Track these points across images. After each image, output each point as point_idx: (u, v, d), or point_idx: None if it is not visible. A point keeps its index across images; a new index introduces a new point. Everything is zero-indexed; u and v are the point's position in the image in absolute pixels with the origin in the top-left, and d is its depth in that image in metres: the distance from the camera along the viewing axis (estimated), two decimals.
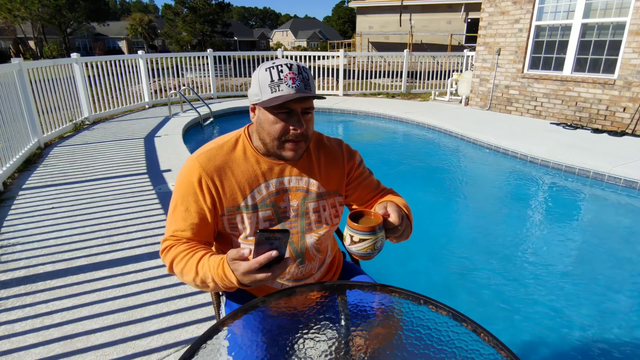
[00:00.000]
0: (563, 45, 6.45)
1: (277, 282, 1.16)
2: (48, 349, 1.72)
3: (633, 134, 5.59)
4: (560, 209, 3.78)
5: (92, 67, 6.74)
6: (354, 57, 16.43)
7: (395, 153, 5.89)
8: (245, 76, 9.78)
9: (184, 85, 8.01)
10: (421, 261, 2.83)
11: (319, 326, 0.93)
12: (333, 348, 0.89)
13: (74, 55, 6.17)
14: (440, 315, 0.91)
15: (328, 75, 10.03)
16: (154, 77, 8.27)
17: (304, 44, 66.51)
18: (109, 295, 2.08)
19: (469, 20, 18.24)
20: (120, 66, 7.24)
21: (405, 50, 10.00)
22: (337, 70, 9.53)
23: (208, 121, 6.90)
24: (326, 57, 13.78)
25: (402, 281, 2.19)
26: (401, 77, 10.10)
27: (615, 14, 5.78)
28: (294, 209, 1.11)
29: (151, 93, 8.08)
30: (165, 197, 3.37)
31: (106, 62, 7.02)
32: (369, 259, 0.95)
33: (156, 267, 2.33)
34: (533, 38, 6.85)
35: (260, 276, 0.83)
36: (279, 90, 0.97)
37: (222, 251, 1.18)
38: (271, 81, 0.98)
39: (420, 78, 10.04)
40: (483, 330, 0.84)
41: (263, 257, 0.82)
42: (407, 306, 0.96)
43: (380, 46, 21.10)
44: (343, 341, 0.92)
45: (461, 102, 8.44)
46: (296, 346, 0.89)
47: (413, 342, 0.89)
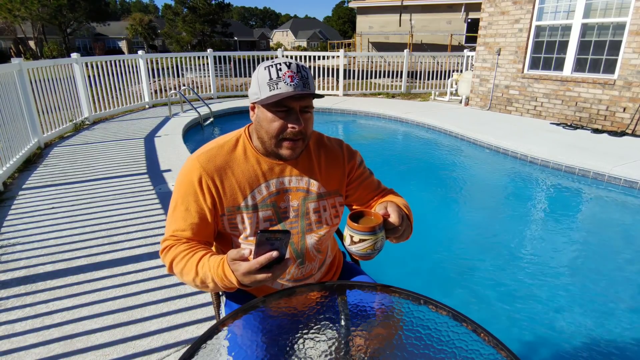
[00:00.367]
0: (563, 45, 6.45)
1: (278, 283, 1.15)
2: (48, 349, 1.72)
3: (633, 134, 5.59)
4: (560, 209, 3.78)
5: (92, 67, 6.75)
6: (354, 57, 16.43)
7: (395, 153, 5.89)
8: (245, 76, 9.78)
9: (184, 85, 8.01)
10: (421, 261, 2.83)
11: (319, 326, 0.93)
12: (333, 348, 0.89)
13: (74, 55, 6.17)
14: (440, 315, 0.91)
15: (328, 75, 10.02)
16: (154, 77, 8.27)
17: (304, 44, 66.51)
18: (109, 295, 2.09)
19: (469, 20, 18.24)
20: (120, 66, 7.24)
21: (405, 50, 10.00)
22: (337, 70, 9.53)
23: (208, 121, 6.90)
24: (326, 57, 13.76)
25: (402, 281, 2.19)
26: (401, 77, 10.10)
27: (615, 14, 5.78)
28: (294, 209, 1.11)
29: (151, 93, 8.08)
30: (165, 197, 3.37)
31: (106, 62, 7.02)
32: (369, 259, 0.95)
33: (156, 267, 2.33)
34: (533, 38, 6.85)
35: (260, 277, 0.83)
36: (277, 88, 0.97)
37: (222, 251, 1.18)
38: (270, 79, 0.98)
39: (420, 78, 10.04)
40: (483, 330, 0.84)
41: (264, 258, 0.82)
42: (407, 306, 0.96)
43: (380, 46, 21.10)
44: (343, 341, 0.92)
45: (461, 102, 8.44)
46: (296, 346, 0.89)
47: (413, 342, 0.89)
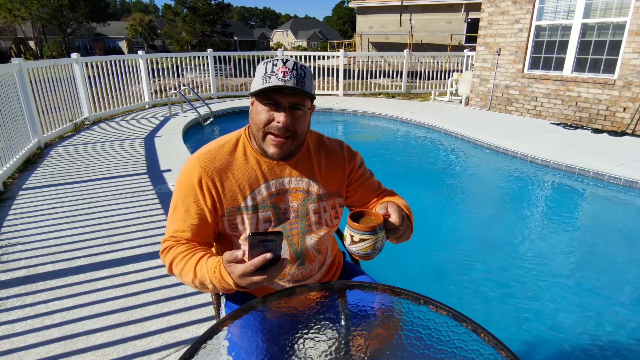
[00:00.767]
0: (563, 45, 6.45)
1: (278, 284, 1.15)
2: (48, 349, 1.72)
3: (633, 134, 5.59)
4: (560, 209, 3.78)
5: (92, 67, 6.75)
6: (354, 57, 16.42)
7: (395, 153, 5.89)
8: (245, 76, 9.78)
9: (184, 85, 8.01)
10: (421, 261, 2.83)
11: (319, 326, 0.93)
12: (333, 348, 0.89)
13: (74, 55, 6.17)
14: (440, 315, 0.91)
15: (328, 75, 10.02)
16: (154, 77, 8.27)
17: (304, 44, 66.51)
18: (109, 295, 2.08)
19: (469, 20, 18.24)
20: (120, 66, 7.24)
21: (405, 50, 10.00)
22: (337, 70, 9.53)
23: (208, 121, 6.90)
24: (326, 57, 13.76)
25: (402, 281, 2.19)
26: (401, 77, 10.10)
27: (615, 14, 5.78)
28: (294, 210, 1.11)
29: (151, 93, 8.08)
30: (165, 197, 3.37)
31: (106, 62, 7.02)
32: (369, 259, 0.94)
33: (156, 267, 2.33)
34: (533, 38, 6.85)
35: (256, 278, 0.83)
36: (269, 81, 0.98)
37: (222, 252, 1.17)
38: (264, 73, 0.99)
39: (420, 78, 10.04)
40: (483, 330, 0.84)
41: (258, 260, 0.81)
42: (407, 306, 0.96)
43: (380, 46, 21.10)
44: (343, 341, 0.92)
45: (461, 102, 8.43)
46: (296, 346, 0.89)
47: (413, 342, 0.89)
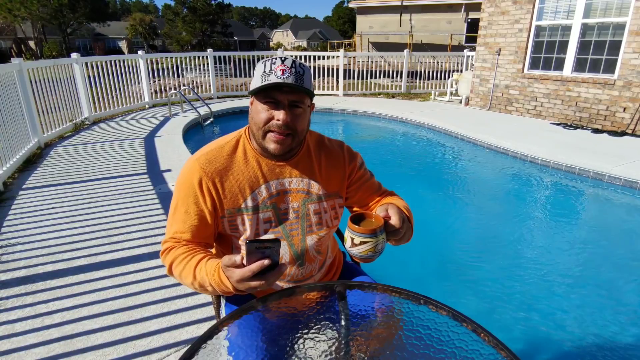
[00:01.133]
0: (563, 45, 6.45)
1: (277, 285, 1.15)
2: (48, 349, 1.72)
3: (633, 134, 5.59)
4: (560, 209, 3.78)
5: (92, 67, 6.74)
6: (354, 57, 16.42)
7: (395, 153, 5.89)
8: (245, 76, 9.77)
9: (184, 85, 8.01)
10: (421, 261, 2.83)
11: (319, 326, 0.93)
12: (333, 348, 0.89)
13: (74, 55, 6.17)
14: (440, 315, 0.90)
15: (328, 75, 10.02)
16: (154, 77, 8.27)
17: (304, 44, 66.48)
18: (109, 295, 2.09)
19: (469, 20, 18.24)
20: (120, 66, 7.24)
21: (405, 50, 10.00)
22: (337, 70, 9.53)
23: (208, 121, 6.90)
24: (326, 57, 13.75)
25: (402, 281, 2.19)
26: (401, 77, 10.10)
27: (615, 14, 5.78)
28: (294, 211, 1.11)
29: (151, 93, 8.08)
30: (165, 197, 3.37)
31: (106, 62, 7.02)
32: (370, 262, 0.94)
33: (156, 267, 2.33)
34: (533, 38, 6.85)
35: (254, 284, 0.83)
36: (267, 80, 0.98)
37: (223, 253, 1.18)
38: (263, 72, 0.99)
39: (420, 78, 10.04)
40: (483, 330, 0.84)
41: (255, 266, 0.81)
42: (407, 306, 0.96)
43: (380, 46, 21.10)
44: (343, 341, 0.92)
45: (461, 102, 8.43)
46: (296, 346, 0.89)
47: (413, 342, 0.89)
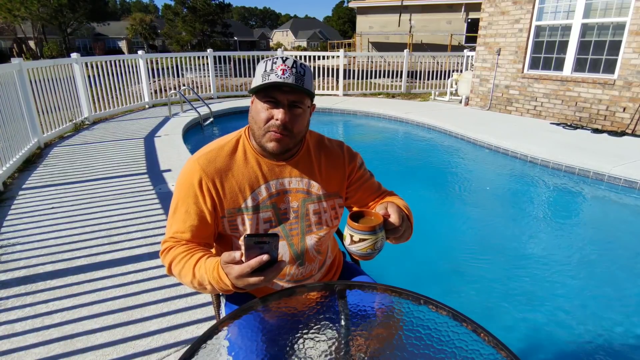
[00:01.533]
0: (563, 45, 6.45)
1: (277, 284, 1.15)
2: (48, 349, 1.72)
3: (633, 134, 5.59)
4: (560, 209, 3.78)
5: (92, 67, 6.74)
6: (354, 57, 16.42)
7: (395, 153, 5.89)
8: (245, 76, 9.77)
9: (184, 85, 8.01)
10: (421, 261, 2.82)
11: (319, 326, 0.93)
12: (333, 348, 0.89)
13: (74, 55, 6.17)
14: (440, 315, 0.90)
15: (328, 75, 10.02)
16: (154, 77, 8.27)
17: (304, 44, 66.49)
18: (109, 295, 2.08)
19: (469, 20, 18.25)
20: (120, 66, 7.24)
21: (405, 50, 10.00)
22: (337, 70, 9.53)
23: (208, 121, 6.90)
24: (326, 57, 13.75)
25: (402, 281, 2.19)
26: (401, 77, 10.10)
27: (615, 14, 5.78)
28: (294, 210, 1.11)
29: (151, 93, 8.08)
30: (165, 197, 3.37)
31: (106, 62, 7.02)
32: (369, 259, 0.94)
33: (156, 267, 2.33)
34: (533, 38, 6.85)
35: (253, 280, 0.83)
36: (268, 79, 0.98)
37: (222, 253, 1.18)
38: (264, 71, 0.99)
39: (420, 78, 10.04)
40: (483, 330, 0.84)
41: (254, 261, 0.81)
42: (407, 306, 0.96)
43: (380, 46, 21.10)
44: (343, 341, 0.92)
45: (461, 102, 8.43)
46: (296, 346, 0.89)
47: (413, 342, 0.89)
